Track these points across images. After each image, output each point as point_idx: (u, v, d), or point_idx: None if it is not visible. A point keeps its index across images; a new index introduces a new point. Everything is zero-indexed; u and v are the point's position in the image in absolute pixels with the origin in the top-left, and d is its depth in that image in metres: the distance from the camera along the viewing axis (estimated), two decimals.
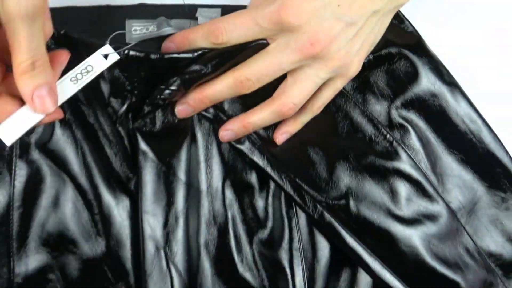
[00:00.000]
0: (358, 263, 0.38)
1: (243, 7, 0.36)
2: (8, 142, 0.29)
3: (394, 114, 0.41)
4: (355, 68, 0.36)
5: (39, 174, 0.37)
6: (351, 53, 0.35)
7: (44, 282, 0.36)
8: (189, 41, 0.35)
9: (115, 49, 0.32)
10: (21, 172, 0.36)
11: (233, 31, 0.33)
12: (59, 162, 0.37)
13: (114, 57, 0.32)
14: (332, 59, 0.34)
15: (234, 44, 0.33)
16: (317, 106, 0.39)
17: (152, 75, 0.35)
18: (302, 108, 0.38)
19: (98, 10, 0.39)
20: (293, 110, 0.37)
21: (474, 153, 0.42)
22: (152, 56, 0.34)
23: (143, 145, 0.37)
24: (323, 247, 0.39)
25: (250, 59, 0.34)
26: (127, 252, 0.37)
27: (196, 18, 0.40)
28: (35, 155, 0.37)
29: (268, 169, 0.37)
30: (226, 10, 0.38)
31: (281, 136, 0.40)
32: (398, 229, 0.38)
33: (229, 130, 0.38)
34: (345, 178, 0.38)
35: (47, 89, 0.28)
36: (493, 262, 0.42)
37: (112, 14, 0.39)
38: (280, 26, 0.33)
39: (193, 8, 0.40)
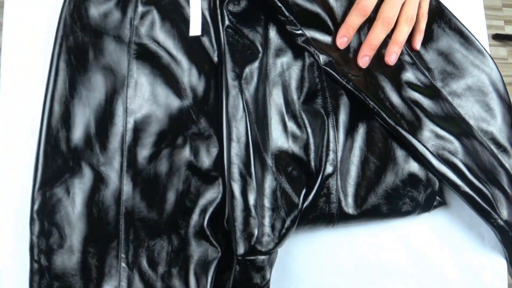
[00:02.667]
0: (369, 111, 0.51)
1: None
2: None
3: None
4: None
5: (147, 50, 0.52)
6: None
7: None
8: (352, 26, 0.52)
9: None
10: (134, 61, 0.52)
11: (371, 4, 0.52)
12: (159, 43, 0.52)
13: None
14: None
15: None
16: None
17: None
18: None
19: None
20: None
21: None
22: None
23: (227, 21, 0.51)
24: (345, 103, 0.52)
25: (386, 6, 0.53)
26: (206, 97, 0.51)
27: None
28: (147, 41, 0.52)
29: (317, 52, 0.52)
30: None
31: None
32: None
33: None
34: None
35: None
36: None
37: None
38: None
39: None
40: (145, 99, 0.51)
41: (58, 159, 0.49)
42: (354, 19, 0.52)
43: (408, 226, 0.56)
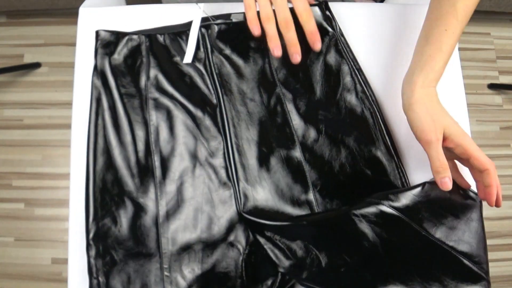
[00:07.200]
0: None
1: None
2: None
3: None
4: None
5: (160, 102, 0.64)
6: None
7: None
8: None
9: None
10: (152, 112, 0.64)
11: None
12: (171, 96, 0.65)
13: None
14: None
15: None
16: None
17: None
18: None
19: None
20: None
21: None
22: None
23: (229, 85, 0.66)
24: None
25: None
26: (211, 130, 0.64)
27: None
28: (158, 95, 0.65)
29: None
30: None
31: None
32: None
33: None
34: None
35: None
36: None
37: None
38: None
39: None
40: (166, 141, 0.63)
41: (105, 197, 0.60)
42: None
43: None
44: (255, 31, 0.58)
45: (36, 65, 1.73)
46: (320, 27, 0.67)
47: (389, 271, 0.53)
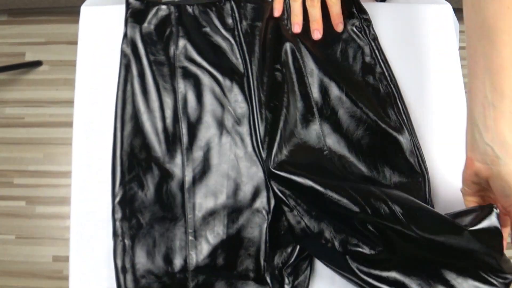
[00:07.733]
0: None
1: None
2: None
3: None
4: None
5: (188, 71, 0.66)
6: None
7: None
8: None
9: None
10: (180, 80, 0.66)
11: None
12: (200, 65, 0.67)
13: None
14: None
15: None
16: None
17: None
18: None
19: None
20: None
21: None
22: None
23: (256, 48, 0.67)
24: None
25: None
26: (238, 98, 0.66)
27: None
28: (187, 63, 0.67)
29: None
30: None
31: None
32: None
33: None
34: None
35: None
36: None
37: None
38: None
39: None
40: (193, 109, 0.65)
41: (133, 161, 0.61)
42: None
43: None
44: (276, 12, 0.70)
45: (37, 63, 1.73)
46: (348, 11, 0.71)
47: (399, 264, 0.53)
